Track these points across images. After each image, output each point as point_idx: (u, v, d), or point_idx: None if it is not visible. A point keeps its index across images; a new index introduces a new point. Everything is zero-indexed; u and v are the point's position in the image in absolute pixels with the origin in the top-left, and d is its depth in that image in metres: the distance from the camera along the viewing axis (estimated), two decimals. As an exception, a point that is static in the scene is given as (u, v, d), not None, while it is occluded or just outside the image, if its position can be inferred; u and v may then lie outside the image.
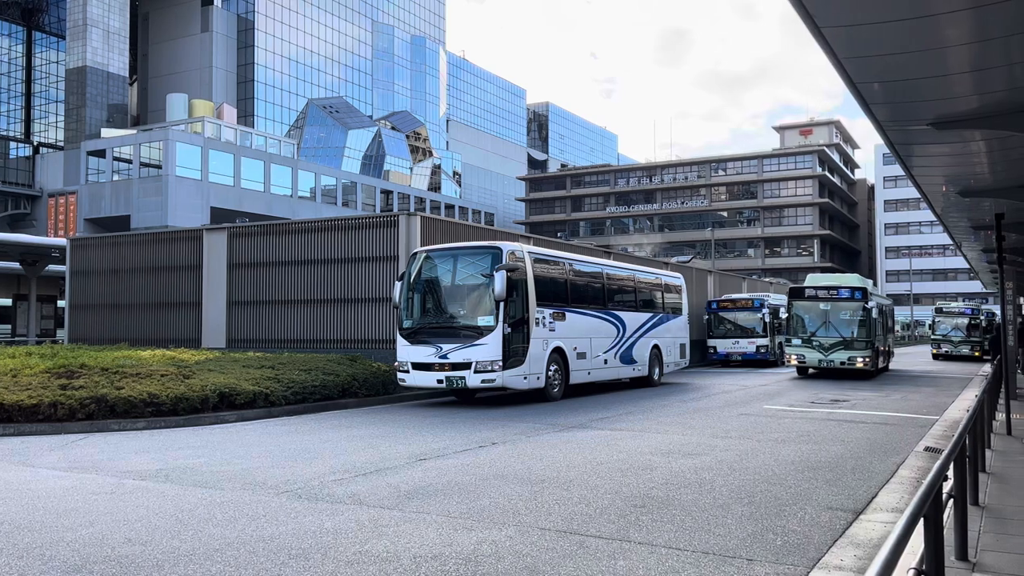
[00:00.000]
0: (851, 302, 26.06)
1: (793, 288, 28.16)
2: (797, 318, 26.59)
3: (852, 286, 26.44)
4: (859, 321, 25.81)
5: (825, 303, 26.28)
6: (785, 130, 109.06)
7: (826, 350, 25.63)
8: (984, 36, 8.97)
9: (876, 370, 26.60)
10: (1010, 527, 6.58)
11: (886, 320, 29.83)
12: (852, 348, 25.51)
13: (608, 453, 10.66)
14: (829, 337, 25.74)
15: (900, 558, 3.23)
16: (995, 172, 15.83)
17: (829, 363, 25.57)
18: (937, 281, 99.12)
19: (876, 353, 26.19)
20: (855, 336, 25.74)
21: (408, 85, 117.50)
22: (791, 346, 26.56)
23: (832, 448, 11.37)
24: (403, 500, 7.69)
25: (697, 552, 6.08)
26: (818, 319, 26.21)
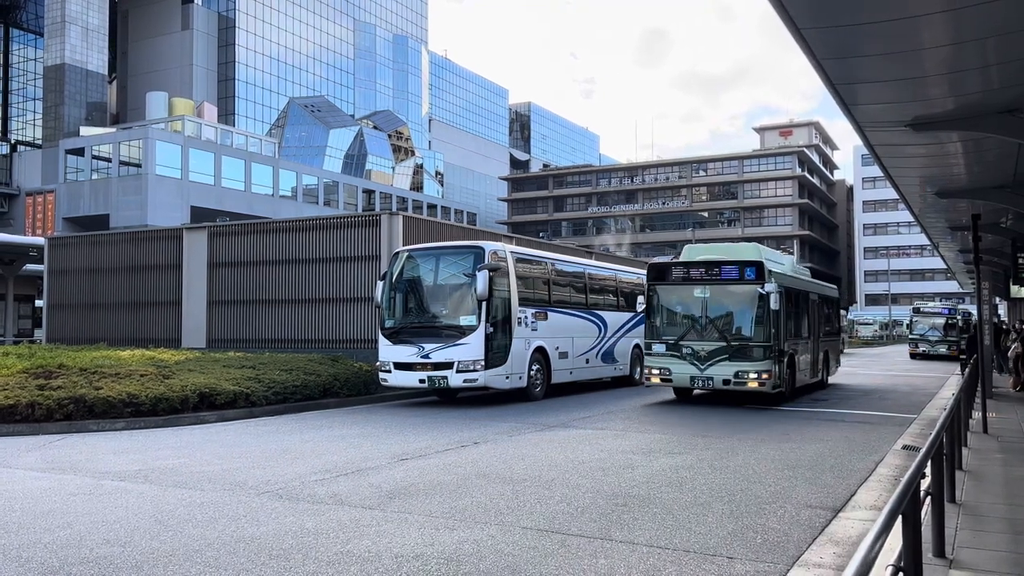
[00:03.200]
0: (739, 285, 16.81)
1: (654, 265, 18.57)
2: (659, 311, 17.57)
3: (739, 260, 17.13)
4: (753, 315, 16.69)
5: (701, 287, 17.09)
6: (765, 131, 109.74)
7: (702, 361, 16.63)
8: (959, 39, 9.08)
9: (789, 390, 17.65)
10: (986, 524, 6.65)
11: (811, 311, 20.52)
12: (741, 358, 16.43)
13: (589, 452, 10.68)
14: (705, 341, 16.83)
15: (878, 555, 3.26)
16: (971, 173, 16.02)
17: (706, 382, 16.62)
18: (915, 281, 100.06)
19: (784, 363, 17.00)
20: (746, 338, 16.66)
21: (390, 84, 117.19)
22: (650, 355, 17.39)
23: (811, 446, 11.45)
24: (385, 500, 7.67)
25: (678, 550, 6.11)
26: (690, 313, 17.38)
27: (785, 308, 17.09)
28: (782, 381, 16.84)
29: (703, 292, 17.10)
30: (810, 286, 21.28)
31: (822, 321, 22.21)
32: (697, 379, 16.73)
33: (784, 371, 16.97)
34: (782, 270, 18.69)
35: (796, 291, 19.08)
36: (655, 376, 17.20)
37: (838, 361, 24.52)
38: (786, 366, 17.15)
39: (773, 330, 16.42)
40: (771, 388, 16.39)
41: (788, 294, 17.74)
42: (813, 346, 20.45)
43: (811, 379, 20.30)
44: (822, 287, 23.45)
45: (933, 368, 33.55)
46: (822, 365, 21.58)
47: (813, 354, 20.43)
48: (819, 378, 21.28)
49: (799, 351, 18.69)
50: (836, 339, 25.28)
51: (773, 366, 16.33)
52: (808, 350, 19.81)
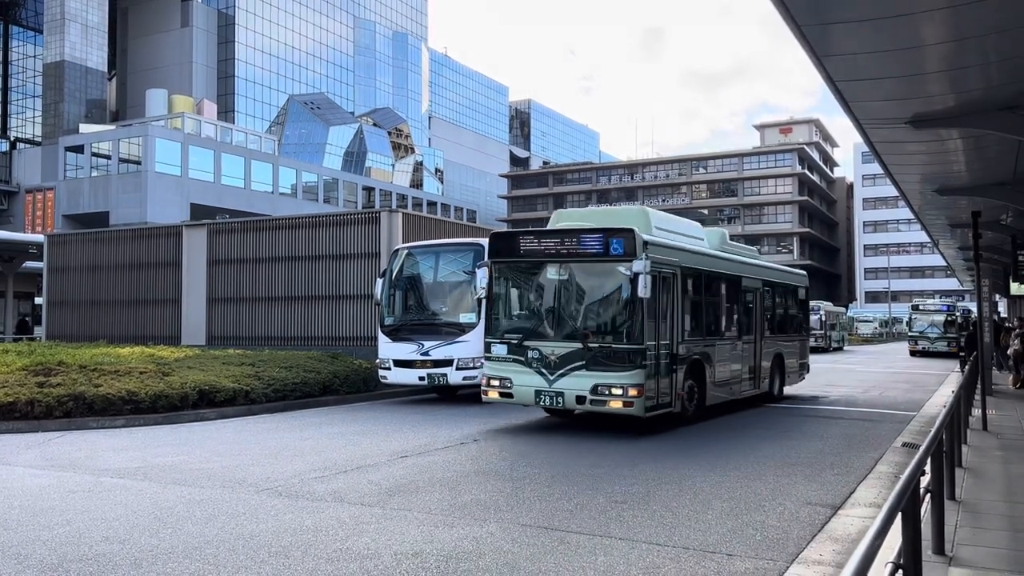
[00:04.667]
0: (603, 262, 11.87)
1: (497, 235, 13.31)
2: (503, 299, 12.80)
3: (604, 228, 11.93)
4: (620, 305, 11.76)
5: (556, 266, 12.24)
6: (765, 128, 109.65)
7: (552, 369, 11.84)
8: (960, 36, 9.07)
9: (695, 409, 13.22)
10: (985, 521, 6.65)
11: (746, 303, 15.98)
12: (601, 365, 11.58)
13: (587, 450, 10.69)
14: (557, 342, 11.97)
15: (878, 553, 3.26)
16: (972, 170, 16.00)
17: (555, 399, 11.83)
18: (915, 279, 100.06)
19: (678, 373, 12.52)
20: (610, 338, 11.85)
21: (390, 82, 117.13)
22: (489, 358, 12.61)
23: (811, 444, 11.46)
24: (384, 497, 7.67)
25: (677, 547, 6.11)
26: (540, 302, 12.59)
27: (682, 296, 12.84)
28: (672, 398, 12.28)
29: (559, 273, 12.15)
30: (747, 270, 16.25)
31: (770, 316, 17.48)
32: (544, 394, 11.79)
33: (676, 383, 12.39)
34: (685, 243, 13.82)
35: (713, 275, 14.49)
36: (492, 390, 12.36)
37: (804, 366, 19.55)
38: (682, 376, 12.62)
39: (647, 326, 11.48)
40: (642, 409, 11.31)
41: (696, 278, 13.67)
42: (749, 349, 15.81)
43: (746, 391, 15.64)
44: (775, 273, 18.39)
45: (933, 365, 33.54)
46: (769, 373, 16.79)
47: (751, 359, 15.88)
48: (763, 389, 16.45)
49: (716, 356, 14.03)
50: (799, 339, 19.35)
51: (647, 378, 11.43)
52: (737, 354, 15.16)
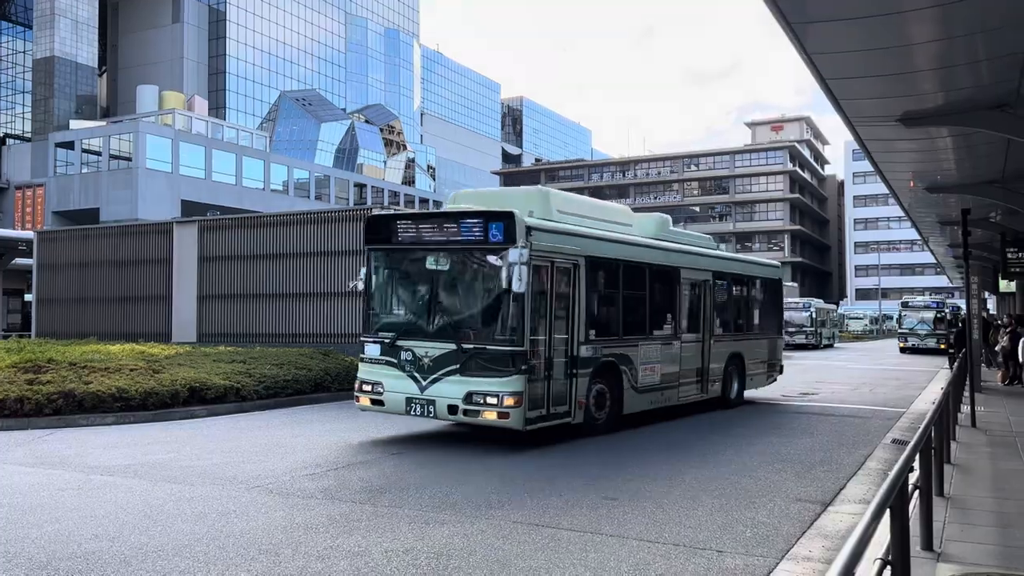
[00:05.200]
0: (481, 250, 10.55)
1: (373, 219, 11.70)
2: (380, 291, 11.53)
3: (484, 211, 10.53)
4: (497, 299, 10.37)
5: (434, 255, 10.91)
6: (756, 126, 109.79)
7: (425, 373, 10.50)
8: (949, 34, 9.11)
9: (607, 420, 11.71)
10: (973, 517, 6.69)
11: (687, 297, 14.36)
12: (477, 369, 10.18)
13: (579, 448, 10.71)
14: (431, 341, 10.58)
15: (866, 549, 3.27)
16: (961, 168, 16.08)
17: (426, 407, 10.42)
18: (905, 276, 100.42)
19: (581, 379, 11.02)
20: (485, 337, 10.36)
21: (382, 78, 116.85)
22: (363, 360, 11.32)
23: (802, 440, 11.51)
24: (376, 494, 7.66)
25: (667, 544, 6.13)
26: (417, 295, 11.25)
27: (589, 290, 11.22)
28: (570, 407, 10.80)
29: (436, 262, 10.79)
30: (690, 260, 14.37)
31: (726, 312, 15.77)
32: (415, 402, 10.42)
33: (576, 390, 10.84)
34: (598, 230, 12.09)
35: (636, 265, 12.68)
36: (364, 396, 11.01)
37: (775, 367, 17.69)
38: (586, 382, 11.07)
39: (529, 325, 10.03)
40: (520, 421, 9.85)
41: (609, 269, 12.01)
42: (693, 349, 14.21)
43: (688, 396, 14.04)
44: (733, 264, 16.70)
45: (922, 362, 33.68)
46: (723, 375, 15.13)
47: (696, 361, 14.30)
48: (712, 393, 14.81)
49: (639, 358, 12.40)
50: (767, 338, 17.47)
51: (529, 384, 9.98)
52: (672, 355, 13.43)
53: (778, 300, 18.67)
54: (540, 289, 10.44)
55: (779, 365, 18.21)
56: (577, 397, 10.93)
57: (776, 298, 18.46)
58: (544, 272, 10.52)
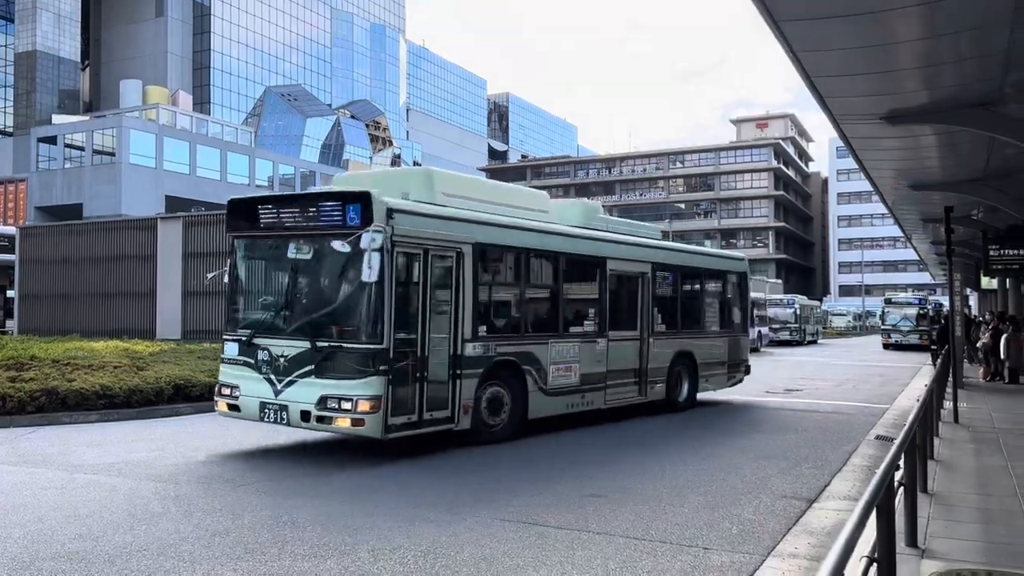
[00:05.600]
0: (338, 237, 9.02)
1: (234, 203, 10.46)
2: (242, 282, 10.44)
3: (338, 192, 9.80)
4: (357, 292, 9.20)
5: (294, 242, 9.77)
6: (741, 123, 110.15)
7: (280, 375, 9.41)
8: (934, 32, 9.16)
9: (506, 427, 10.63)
10: (957, 514, 6.74)
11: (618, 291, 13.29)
12: (330, 371, 9.09)
13: (564, 446, 10.73)
14: (287, 338, 9.50)
15: (855, 547, 3.29)
16: (944, 166, 16.19)
17: (279, 413, 9.32)
18: (888, 272, 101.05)
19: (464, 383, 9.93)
20: (340, 334, 9.29)
21: (368, 74, 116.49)
22: (223, 360, 10.21)
23: (787, 437, 11.56)
24: (364, 493, 7.65)
25: (654, 541, 6.14)
26: (276, 287, 10.27)
27: (478, 281, 10.19)
28: (454, 412, 9.73)
29: (297, 250, 9.71)
30: (621, 251, 13.16)
31: (671, 308, 14.67)
32: (269, 408, 9.34)
33: (460, 393, 9.77)
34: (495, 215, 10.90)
35: (544, 254, 11.63)
36: (222, 400, 9.95)
37: (738, 367, 16.46)
38: (474, 384, 10.00)
39: (391, 320, 8.91)
40: (379, 429, 8.80)
41: (506, 259, 11.11)
42: (628, 347, 13.10)
43: (621, 398, 12.92)
44: (681, 256, 15.31)
45: (905, 358, 33.92)
46: (667, 376, 13.93)
47: (632, 361, 13.18)
48: (655, 396, 13.71)
49: (549, 357, 11.27)
50: (726, 336, 16.08)
51: (392, 387, 8.91)
52: (596, 355, 12.27)
53: (742, 295, 16.96)
54: (410, 280, 9.34)
55: (744, 365, 16.76)
56: (462, 401, 9.80)
57: (740, 293, 16.87)
58: (416, 261, 9.37)
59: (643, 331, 13.46)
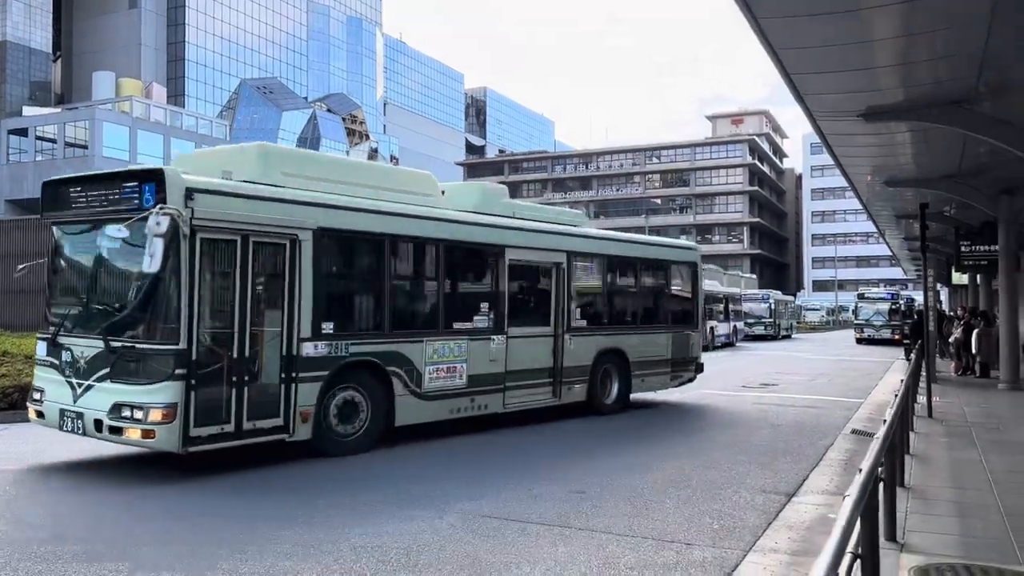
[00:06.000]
0: (131, 221, 7.90)
1: (47, 184, 9.29)
2: (56, 276, 9.26)
3: (134, 170, 8.85)
4: (154, 285, 7.89)
5: (99, 228, 8.61)
6: (717, 119, 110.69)
7: (81, 377, 8.22)
8: (911, 31, 9.24)
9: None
10: (934, 508, 6.83)
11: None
12: (123, 374, 7.91)
13: (546, 442, 10.75)
14: (88, 338, 8.26)
15: (847, 545, 3.32)
16: (919, 163, 16.37)
17: (76, 421, 8.14)
18: (861, 268, 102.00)
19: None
20: (137, 332, 8.05)
21: (344, 67, 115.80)
22: (36, 362, 9.19)
23: (763, 431, 11.65)
24: (337, 487, 7.60)
25: (636, 537, 6.16)
26: (79, 280, 9.14)
27: (323, 271, 9.10)
28: (288, 420, 8.59)
29: (99, 237, 8.66)
30: (523, 239, 11.76)
31: (597, 302, 13.49)
32: (67, 415, 8.26)
33: (295, 400, 8.62)
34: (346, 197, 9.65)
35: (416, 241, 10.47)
36: (32, 406, 8.91)
37: (686, 366, 15.09)
38: (318, 389, 8.85)
39: (190, 314, 7.81)
40: (175, 442, 7.69)
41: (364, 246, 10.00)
42: (537, 345, 11.82)
43: (528, 400, 11.67)
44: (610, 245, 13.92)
45: (878, 352, 34.26)
46: (591, 376, 12.63)
47: (543, 359, 11.87)
48: (573, 398, 12.40)
49: (423, 357, 10.14)
50: (669, 332, 14.70)
51: (194, 391, 7.77)
52: (486, 353, 10.99)
53: (694, 288, 15.61)
54: (221, 270, 8.14)
55: (694, 363, 15.37)
56: (299, 408, 8.61)
57: (689, 286, 15.55)
58: (230, 248, 8.15)
59: (558, 327, 12.08)
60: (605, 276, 13.58)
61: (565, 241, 12.54)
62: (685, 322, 15.37)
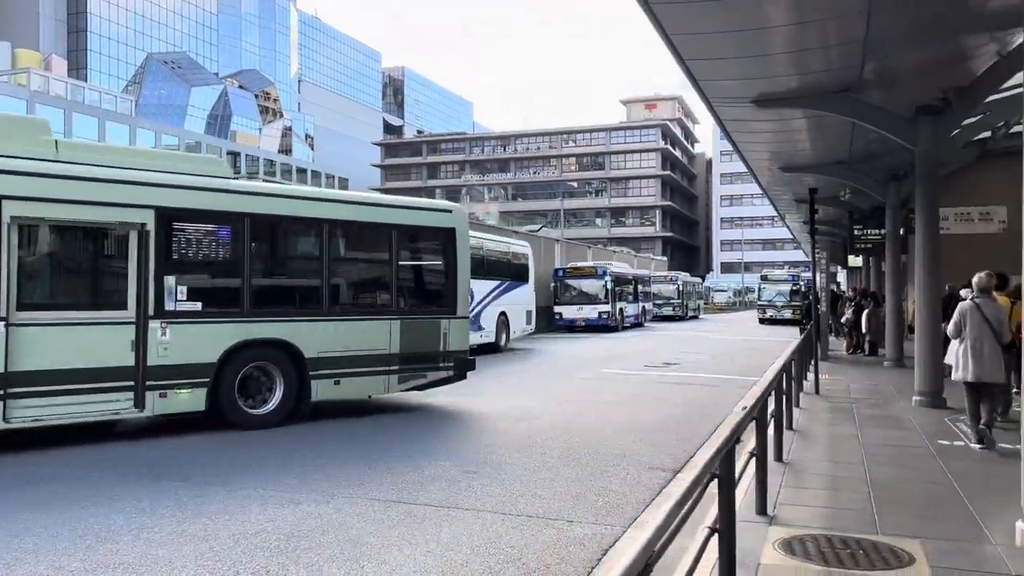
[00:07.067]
0: None
1: None
2: None
3: None
4: None
5: None
6: (631, 104, 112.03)
7: None
8: (802, 19, 9.47)
9: None
10: (807, 481, 7.11)
11: None
12: None
13: (446, 420, 10.76)
14: None
15: (687, 520, 3.43)
16: (815, 149, 16.91)
17: None
18: (767, 251, 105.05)
19: None
20: None
21: (257, 43, 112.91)
22: None
23: (659, 409, 11.91)
24: (227, 475, 7.47)
25: (522, 516, 6.23)
26: None
27: None
28: None
29: None
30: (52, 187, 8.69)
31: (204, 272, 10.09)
32: None
33: None
34: None
35: None
36: None
37: (430, 361, 11.68)
38: None
39: None
40: None
41: None
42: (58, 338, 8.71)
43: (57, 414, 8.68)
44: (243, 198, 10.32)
45: (779, 332, 35.37)
46: (212, 378, 9.70)
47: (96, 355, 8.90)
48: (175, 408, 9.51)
49: None
50: (395, 317, 11.37)
51: None
52: None
53: (448, 262, 12.21)
54: None
55: (453, 358, 11.96)
56: None
57: (442, 259, 12.26)
58: None
59: (142, 311, 9.20)
60: (250, 244, 10.19)
61: (143, 194, 9.28)
62: (433, 305, 12.16)
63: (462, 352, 12.22)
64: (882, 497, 6.51)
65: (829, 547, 5.23)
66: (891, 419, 10.61)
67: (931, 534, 5.52)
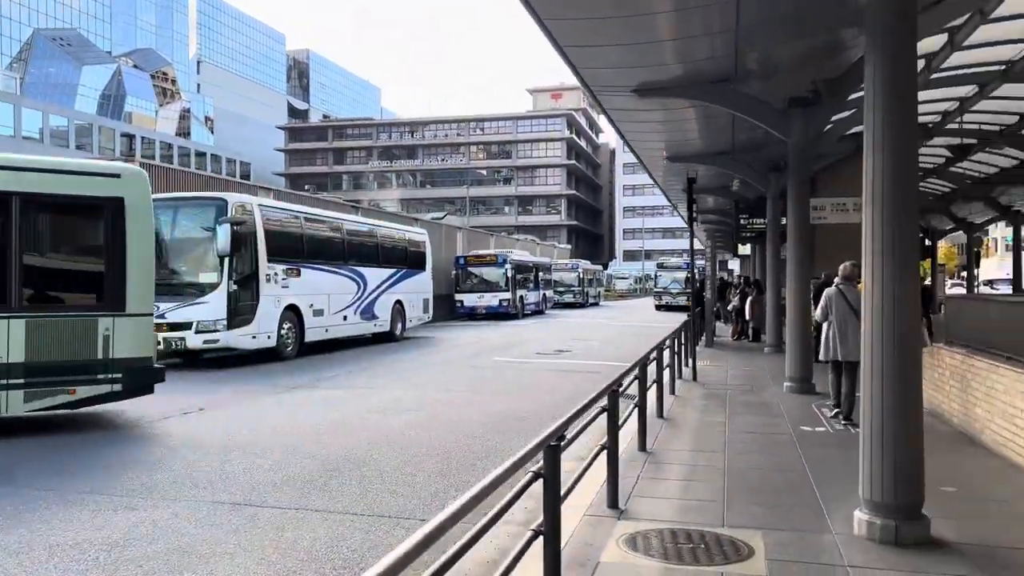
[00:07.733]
0: None
1: None
2: None
3: None
4: None
5: None
6: (537, 93, 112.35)
7: None
8: (676, 5, 9.39)
9: None
10: (666, 472, 7.07)
11: None
12: None
13: (324, 414, 10.41)
14: None
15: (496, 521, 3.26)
16: (703, 139, 17.04)
17: None
18: (667, 239, 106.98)
19: None
20: None
21: (153, 21, 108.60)
22: None
23: (541, 398, 11.83)
24: (66, 480, 6.99)
25: (373, 516, 6.00)
26: None
27: None
28: None
29: None
30: None
31: None
32: None
33: None
34: None
35: None
36: None
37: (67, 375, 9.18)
38: None
39: None
40: None
41: None
42: None
43: None
44: None
45: (673, 318, 35.91)
46: None
47: None
48: None
49: None
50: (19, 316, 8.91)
51: None
52: None
53: (114, 242, 9.65)
54: None
55: (122, 368, 9.46)
56: None
57: (103, 237, 9.73)
58: None
59: None
60: None
61: None
62: (86, 299, 9.74)
63: (139, 360, 9.56)
64: (736, 487, 6.51)
65: (672, 542, 5.17)
66: (762, 405, 10.75)
67: (776, 525, 5.52)
